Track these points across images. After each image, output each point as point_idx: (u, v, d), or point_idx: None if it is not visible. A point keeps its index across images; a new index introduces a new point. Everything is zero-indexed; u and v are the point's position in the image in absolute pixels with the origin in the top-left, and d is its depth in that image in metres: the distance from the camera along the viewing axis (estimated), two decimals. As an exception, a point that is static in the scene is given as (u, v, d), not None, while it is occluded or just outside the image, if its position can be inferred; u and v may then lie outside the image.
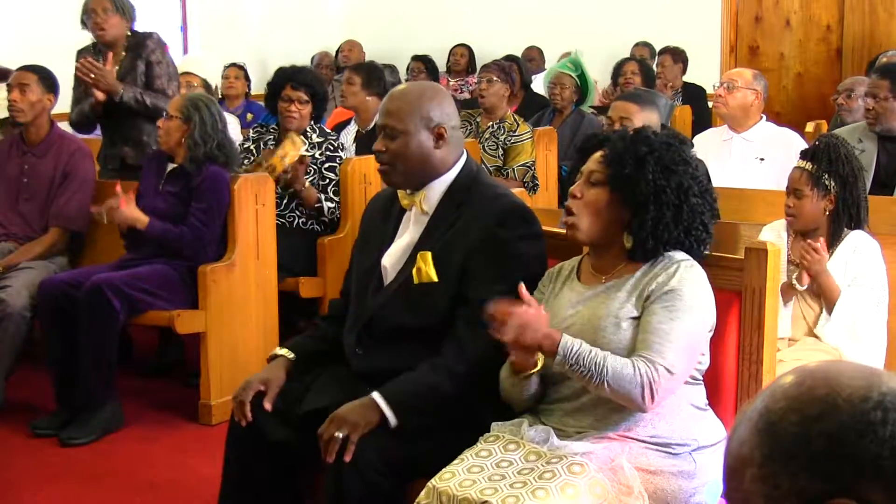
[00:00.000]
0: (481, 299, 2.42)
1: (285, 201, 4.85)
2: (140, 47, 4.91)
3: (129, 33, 4.95)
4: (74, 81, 4.98)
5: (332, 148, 4.96)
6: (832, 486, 0.97)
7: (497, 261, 2.57)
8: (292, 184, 4.74)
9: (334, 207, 4.87)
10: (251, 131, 5.23)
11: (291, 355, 2.77)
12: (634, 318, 2.31)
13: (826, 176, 3.23)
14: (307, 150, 4.83)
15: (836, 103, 5.52)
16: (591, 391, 2.28)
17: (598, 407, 2.33)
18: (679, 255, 2.36)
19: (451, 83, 8.90)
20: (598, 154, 2.42)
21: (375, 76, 5.66)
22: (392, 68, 7.90)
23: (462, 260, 2.59)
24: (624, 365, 2.23)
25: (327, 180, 4.88)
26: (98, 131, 5.14)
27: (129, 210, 4.18)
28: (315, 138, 4.95)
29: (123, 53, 4.91)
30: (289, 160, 4.68)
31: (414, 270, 2.63)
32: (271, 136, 5.03)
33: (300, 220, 4.90)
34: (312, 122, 4.99)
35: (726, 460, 1.06)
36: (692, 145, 2.43)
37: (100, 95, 4.74)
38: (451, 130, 2.70)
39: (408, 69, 8.71)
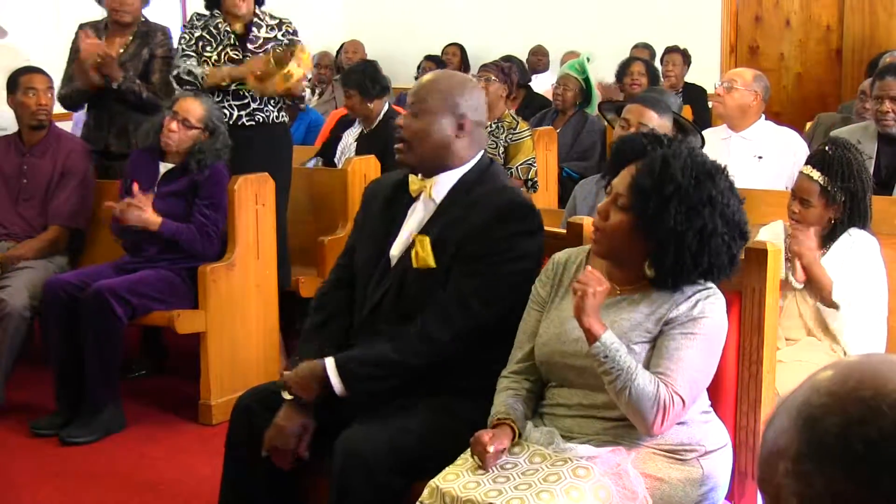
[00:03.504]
0: (460, 288, 2.53)
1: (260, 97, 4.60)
2: (150, 37, 4.83)
3: (142, 19, 4.87)
4: (71, 55, 4.85)
5: (290, 31, 4.71)
6: (867, 491, 0.94)
7: (488, 253, 2.55)
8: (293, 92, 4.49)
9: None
10: (195, 22, 4.66)
11: None
12: (647, 342, 2.29)
13: (839, 192, 3.20)
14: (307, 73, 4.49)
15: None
16: (609, 393, 2.24)
17: (604, 413, 2.31)
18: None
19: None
20: (628, 174, 2.31)
21: (369, 79, 5.50)
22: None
23: (456, 248, 2.58)
24: (650, 381, 2.20)
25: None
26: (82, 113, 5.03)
27: (147, 212, 4.16)
28: (265, 31, 4.65)
29: (130, 38, 4.82)
30: (294, 80, 4.39)
31: (412, 253, 2.61)
32: (221, 21, 4.61)
33: (275, 114, 4.71)
34: (257, 7, 4.67)
35: (762, 449, 1.04)
36: (725, 172, 2.35)
37: (96, 79, 4.64)
38: (475, 126, 2.68)
39: (419, 68, 8.67)
